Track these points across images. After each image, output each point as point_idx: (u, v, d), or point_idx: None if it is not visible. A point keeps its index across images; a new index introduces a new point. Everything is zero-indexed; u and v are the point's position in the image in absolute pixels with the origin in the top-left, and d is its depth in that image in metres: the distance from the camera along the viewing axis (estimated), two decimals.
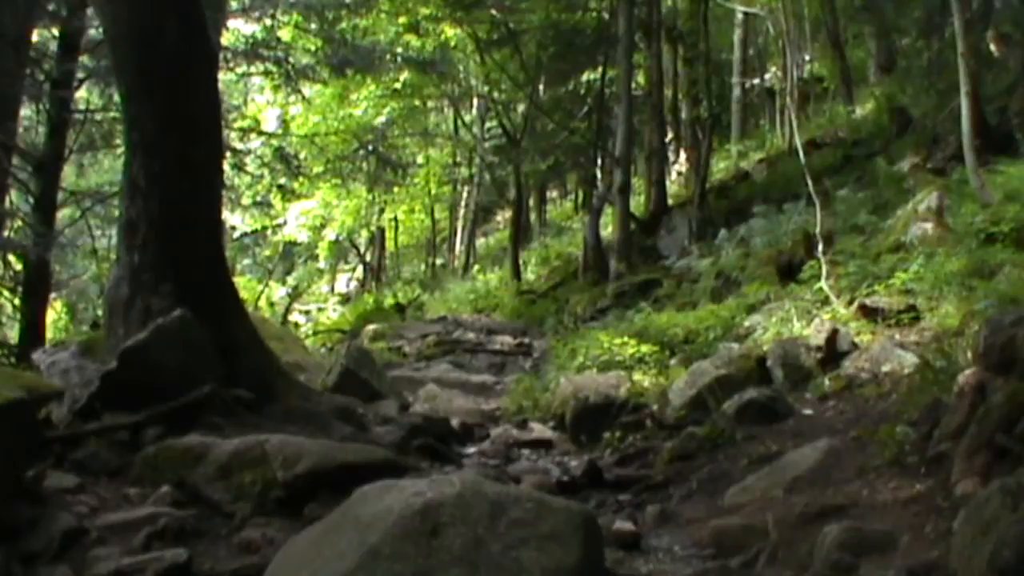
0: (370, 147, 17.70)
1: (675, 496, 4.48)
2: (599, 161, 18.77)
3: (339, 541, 2.81)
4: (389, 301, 18.73)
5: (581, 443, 6.08)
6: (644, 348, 7.61)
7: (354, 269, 30.12)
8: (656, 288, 11.38)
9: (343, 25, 14.87)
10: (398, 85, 19.48)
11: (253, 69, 13.39)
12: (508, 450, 6.04)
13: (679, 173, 18.43)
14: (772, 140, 17.79)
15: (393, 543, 2.68)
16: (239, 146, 13.91)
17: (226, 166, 10.49)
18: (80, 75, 10.13)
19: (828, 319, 6.58)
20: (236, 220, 21.01)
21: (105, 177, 15.03)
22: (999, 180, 7.74)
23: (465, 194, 26.31)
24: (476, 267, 22.80)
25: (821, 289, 7.37)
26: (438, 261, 27.49)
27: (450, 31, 18.86)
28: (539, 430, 6.64)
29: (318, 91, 18.62)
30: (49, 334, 10.52)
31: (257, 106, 20.88)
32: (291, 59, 13.16)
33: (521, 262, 19.09)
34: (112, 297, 5.44)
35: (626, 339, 7.91)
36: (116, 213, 9.61)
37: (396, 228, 27.18)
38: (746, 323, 7.62)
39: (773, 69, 20.98)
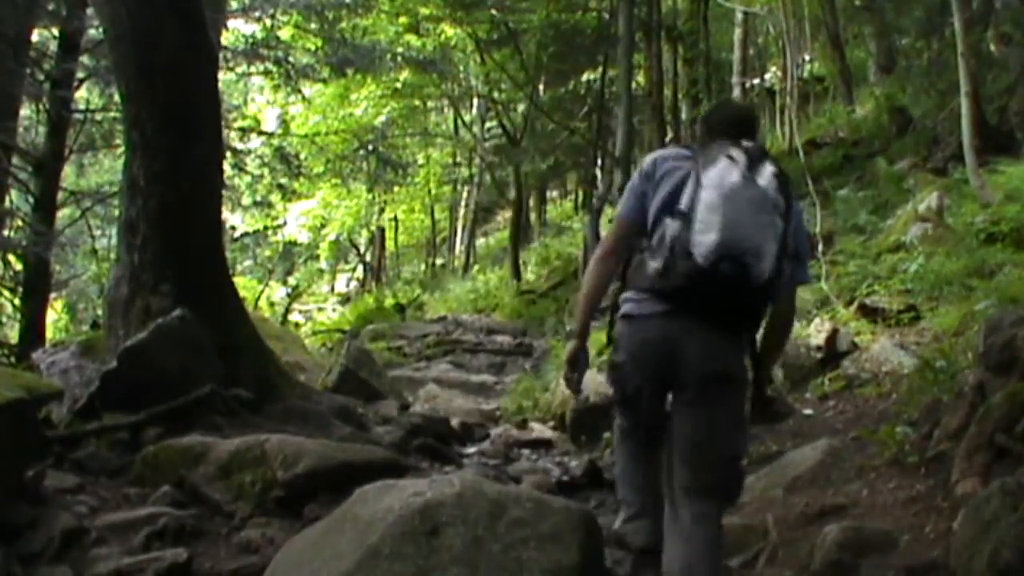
0: (370, 147, 17.65)
1: None
2: (599, 161, 18.75)
3: (339, 541, 2.81)
4: (389, 301, 18.70)
5: (581, 443, 6.08)
6: None
7: (354, 269, 30.12)
8: None
9: (343, 25, 14.84)
10: (398, 85, 19.46)
11: (253, 69, 13.35)
12: (508, 450, 6.04)
13: None
14: (772, 140, 17.72)
15: (393, 543, 2.68)
16: (239, 146, 13.86)
17: (226, 166, 10.46)
18: (80, 75, 10.10)
19: (828, 319, 6.57)
20: (236, 220, 20.98)
21: (105, 177, 15.02)
22: (999, 180, 7.72)
23: (465, 194, 26.30)
24: (476, 267, 22.79)
25: (821, 289, 7.37)
26: (438, 261, 27.48)
27: (450, 31, 18.84)
28: (539, 430, 6.64)
29: (318, 91, 18.60)
30: (49, 334, 10.49)
31: (257, 106, 20.86)
32: (291, 59, 13.13)
33: (521, 262, 19.08)
34: (112, 297, 5.44)
35: None
36: (116, 213, 9.59)
37: (396, 228, 27.16)
38: None
39: (773, 69, 20.94)
